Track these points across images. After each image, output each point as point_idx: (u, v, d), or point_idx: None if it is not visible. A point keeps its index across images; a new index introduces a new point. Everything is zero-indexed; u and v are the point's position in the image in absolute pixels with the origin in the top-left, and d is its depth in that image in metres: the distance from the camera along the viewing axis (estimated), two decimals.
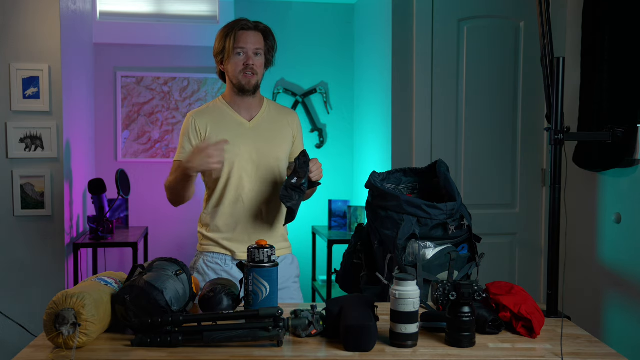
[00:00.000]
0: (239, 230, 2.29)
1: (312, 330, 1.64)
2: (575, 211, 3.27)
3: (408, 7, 3.59)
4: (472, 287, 1.61)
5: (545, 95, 1.95)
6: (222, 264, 2.30)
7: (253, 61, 2.26)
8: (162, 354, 1.52)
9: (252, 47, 2.26)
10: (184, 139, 2.31)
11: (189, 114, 2.34)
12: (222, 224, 2.30)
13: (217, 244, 2.31)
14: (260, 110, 2.37)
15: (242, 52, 2.26)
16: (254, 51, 2.27)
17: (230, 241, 2.30)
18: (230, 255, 2.30)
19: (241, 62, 2.26)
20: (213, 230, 2.32)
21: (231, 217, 2.29)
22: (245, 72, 2.26)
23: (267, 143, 2.32)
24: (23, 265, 3.35)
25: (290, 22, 4.65)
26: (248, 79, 2.27)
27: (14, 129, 3.30)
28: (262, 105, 2.39)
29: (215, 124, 2.30)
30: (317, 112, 4.69)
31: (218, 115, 2.33)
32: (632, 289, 2.90)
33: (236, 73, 2.27)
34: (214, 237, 2.31)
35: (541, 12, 1.97)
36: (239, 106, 2.34)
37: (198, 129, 2.29)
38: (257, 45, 2.27)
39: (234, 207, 2.29)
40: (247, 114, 2.34)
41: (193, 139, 2.29)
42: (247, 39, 2.26)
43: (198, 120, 2.30)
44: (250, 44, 2.26)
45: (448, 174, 2.18)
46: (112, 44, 4.44)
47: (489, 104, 3.63)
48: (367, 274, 2.25)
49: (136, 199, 4.34)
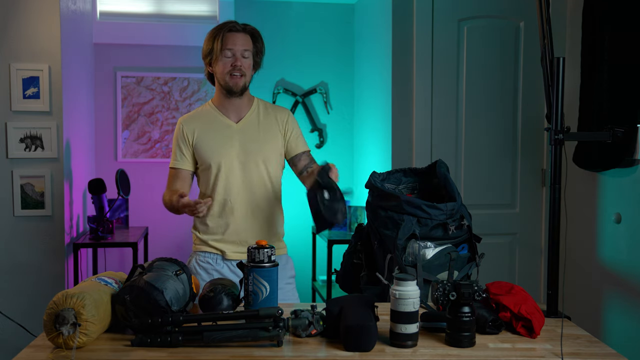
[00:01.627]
0: (228, 232, 2.32)
1: (312, 330, 1.64)
2: (575, 211, 3.27)
3: (408, 7, 3.59)
4: (472, 287, 1.62)
5: (545, 95, 1.96)
6: (214, 263, 2.34)
7: (241, 62, 2.28)
8: (162, 354, 1.52)
9: (240, 49, 2.28)
10: (175, 145, 2.37)
11: (179, 120, 2.39)
12: (212, 225, 2.33)
13: (208, 244, 2.34)
14: (249, 111, 2.38)
15: (230, 53, 2.27)
16: (242, 53, 2.28)
17: (220, 242, 2.33)
18: (220, 255, 2.33)
19: (229, 63, 2.27)
20: (204, 231, 2.35)
21: (220, 219, 2.32)
22: (232, 73, 2.27)
23: (254, 143, 2.33)
24: (23, 265, 3.34)
25: (290, 22, 4.65)
26: (235, 80, 2.29)
27: (14, 129, 3.30)
28: (251, 106, 2.39)
29: (203, 128, 2.34)
30: (317, 112, 4.69)
31: (206, 120, 2.36)
32: (632, 289, 2.90)
33: (224, 74, 2.29)
34: (204, 238, 2.35)
35: (541, 12, 1.97)
36: (227, 109, 2.36)
37: (186, 135, 2.34)
38: (245, 46, 2.29)
39: (222, 208, 2.32)
40: (235, 115, 2.36)
41: (182, 146, 2.35)
42: (235, 40, 2.27)
43: (186, 127, 2.35)
44: (238, 45, 2.27)
45: (448, 174, 2.18)
46: (112, 44, 4.44)
47: (489, 104, 3.63)
48: (367, 274, 2.25)
49: (136, 199, 4.34)
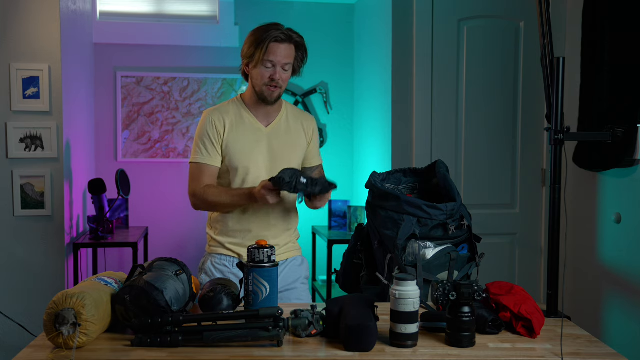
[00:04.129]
0: (248, 237, 2.26)
1: (312, 330, 1.64)
2: (575, 211, 3.27)
3: (408, 7, 3.59)
4: (472, 287, 1.62)
5: (545, 95, 1.95)
6: (230, 266, 2.29)
7: (280, 76, 2.19)
8: (162, 354, 1.52)
9: (282, 61, 2.18)
10: (202, 139, 2.23)
11: (206, 111, 2.27)
12: (231, 228, 2.28)
13: (224, 247, 2.29)
14: (278, 115, 2.32)
15: (271, 65, 2.18)
16: (283, 65, 2.19)
17: (239, 246, 2.28)
18: (238, 258, 2.28)
19: (268, 75, 2.19)
20: (221, 234, 2.30)
21: (240, 223, 2.27)
22: (270, 86, 2.20)
23: (281, 149, 2.29)
24: (23, 265, 3.34)
25: (290, 22, 4.58)
26: (271, 91, 2.21)
27: (14, 129, 3.30)
28: (280, 110, 2.34)
29: (234, 125, 2.25)
30: (317, 112, 4.69)
31: (236, 117, 2.27)
32: (632, 289, 2.90)
33: (261, 84, 2.21)
34: (221, 241, 2.30)
35: (541, 12, 1.97)
36: (257, 111, 2.29)
37: (216, 128, 2.23)
38: (287, 59, 2.20)
39: (244, 212, 2.26)
40: (264, 119, 2.30)
41: (213, 139, 2.22)
42: (278, 52, 2.17)
43: (216, 119, 2.23)
44: (280, 57, 2.18)
45: (447, 175, 2.18)
46: (112, 44, 4.44)
47: (489, 104, 3.63)
48: (367, 274, 2.25)
49: (136, 199, 4.34)
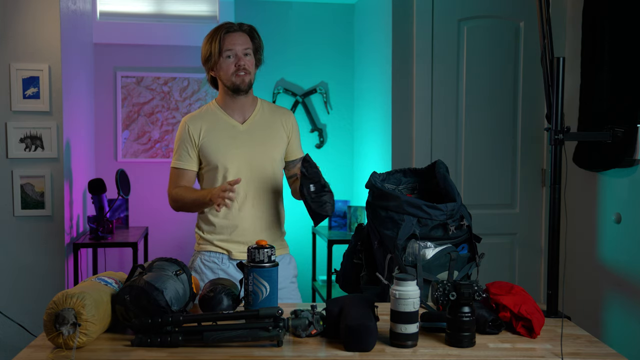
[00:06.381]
0: (235, 232, 2.31)
1: (312, 330, 1.64)
2: (575, 211, 3.27)
3: (408, 7, 3.59)
4: (472, 287, 1.61)
5: (545, 95, 1.95)
6: (219, 262, 2.32)
7: (244, 61, 2.26)
8: (162, 354, 1.52)
9: (241, 48, 2.27)
10: (179, 145, 2.33)
11: (183, 119, 2.36)
12: (217, 225, 2.32)
13: (213, 244, 2.33)
14: (254, 111, 2.37)
15: (231, 55, 2.26)
16: (243, 52, 2.27)
17: (226, 242, 2.32)
18: (226, 254, 2.32)
19: (232, 64, 2.26)
20: (209, 231, 2.34)
21: (225, 219, 2.31)
22: (237, 73, 2.26)
23: (260, 145, 2.33)
24: (23, 265, 3.34)
25: (290, 22, 4.64)
26: (242, 77, 2.27)
27: (14, 129, 3.30)
28: (255, 106, 2.38)
29: (209, 128, 2.32)
30: (317, 112, 4.69)
31: (211, 119, 2.33)
32: (632, 289, 2.90)
33: (229, 75, 2.27)
34: (209, 238, 2.34)
35: (541, 12, 1.97)
36: (231, 109, 2.34)
37: (192, 135, 2.31)
38: (245, 45, 2.28)
39: (228, 209, 2.30)
40: (240, 116, 2.35)
41: (188, 146, 2.31)
42: (234, 41, 2.26)
43: (192, 126, 2.32)
44: (238, 45, 2.26)
45: (447, 175, 2.18)
46: (112, 44, 4.44)
47: (489, 104, 3.63)
48: (367, 274, 2.25)
49: (136, 199, 4.34)
